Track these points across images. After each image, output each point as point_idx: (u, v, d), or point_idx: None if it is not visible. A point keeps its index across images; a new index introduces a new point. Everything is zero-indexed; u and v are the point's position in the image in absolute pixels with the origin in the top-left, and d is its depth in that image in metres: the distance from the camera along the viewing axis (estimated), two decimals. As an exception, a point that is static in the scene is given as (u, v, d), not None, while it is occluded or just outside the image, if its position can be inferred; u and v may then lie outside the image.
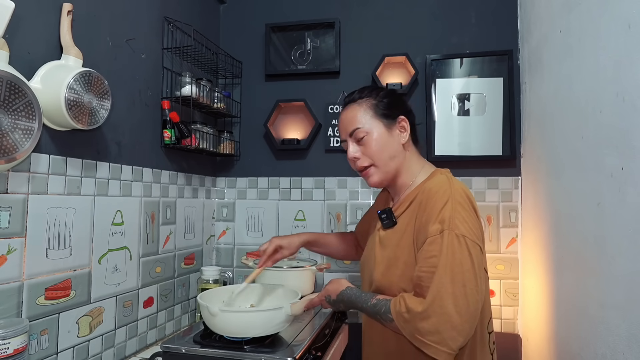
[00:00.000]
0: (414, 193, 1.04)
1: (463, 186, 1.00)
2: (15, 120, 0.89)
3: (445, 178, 1.01)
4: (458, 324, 0.83)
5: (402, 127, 1.09)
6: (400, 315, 0.89)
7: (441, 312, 0.83)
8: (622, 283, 0.87)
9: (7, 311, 0.98)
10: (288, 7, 2.02)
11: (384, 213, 1.07)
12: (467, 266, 0.87)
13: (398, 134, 1.08)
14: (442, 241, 0.88)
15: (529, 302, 1.60)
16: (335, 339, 1.44)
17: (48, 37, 1.09)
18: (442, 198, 0.93)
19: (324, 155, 1.94)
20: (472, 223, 0.92)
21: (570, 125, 1.18)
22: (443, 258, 0.87)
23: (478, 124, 1.76)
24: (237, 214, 2.01)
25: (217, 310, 1.08)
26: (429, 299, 0.85)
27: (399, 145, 1.08)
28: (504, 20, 1.79)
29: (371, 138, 1.07)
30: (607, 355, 0.93)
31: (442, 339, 0.83)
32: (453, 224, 0.89)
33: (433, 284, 0.86)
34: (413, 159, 1.11)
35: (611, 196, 0.92)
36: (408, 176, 1.09)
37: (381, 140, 1.07)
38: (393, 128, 1.08)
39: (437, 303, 0.84)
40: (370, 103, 1.09)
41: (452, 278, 0.85)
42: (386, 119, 1.08)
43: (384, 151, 1.07)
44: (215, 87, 1.83)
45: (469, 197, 0.97)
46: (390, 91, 1.14)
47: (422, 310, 0.84)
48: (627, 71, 0.86)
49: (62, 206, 1.13)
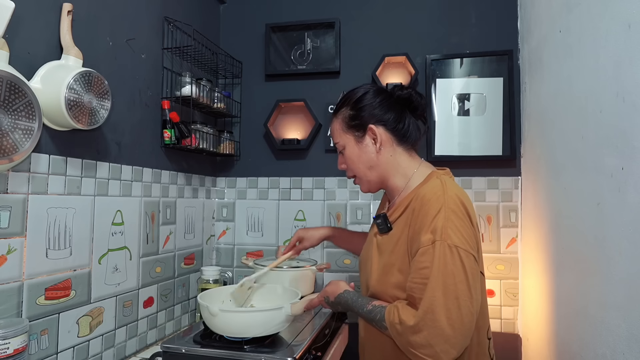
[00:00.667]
0: (408, 198, 1.01)
1: (459, 192, 0.96)
2: (15, 120, 0.89)
3: (439, 183, 0.96)
4: (451, 337, 0.82)
5: (373, 135, 1.05)
6: (393, 326, 0.88)
7: (433, 325, 0.82)
8: (622, 283, 0.87)
9: (7, 311, 0.98)
10: (288, 7, 2.02)
11: (379, 218, 1.04)
12: (460, 277, 0.85)
13: (371, 144, 1.05)
14: (433, 252, 0.86)
15: (529, 302, 1.60)
16: (335, 339, 1.44)
17: (48, 37, 1.09)
18: (434, 206, 0.91)
19: (324, 155, 1.94)
20: (465, 232, 0.89)
21: (570, 125, 1.18)
22: (435, 270, 0.85)
23: (478, 124, 1.76)
24: (237, 214, 2.01)
25: (217, 310, 1.08)
26: (420, 312, 0.84)
27: (374, 154, 1.05)
28: (504, 20, 1.79)
29: (347, 152, 1.09)
30: (607, 356, 0.93)
31: (434, 353, 0.82)
32: (445, 234, 0.87)
33: (425, 296, 0.84)
34: (401, 161, 1.06)
35: (611, 196, 0.92)
36: (399, 179, 1.06)
37: (354, 154, 1.07)
38: (364, 139, 1.06)
39: (428, 316, 0.83)
40: (344, 115, 1.09)
41: (445, 290, 0.83)
42: (357, 131, 1.06)
43: (359, 163, 1.07)
44: (215, 87, 1.83)
45: (464, 204, 0.93)
46: (368, 96, 1.07)
47: (414, 324, 0.84)
48: (627, 71, 0.86)
49: (62, 206, 1.13)
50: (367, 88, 1.10)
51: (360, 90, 1.09)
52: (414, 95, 1.07)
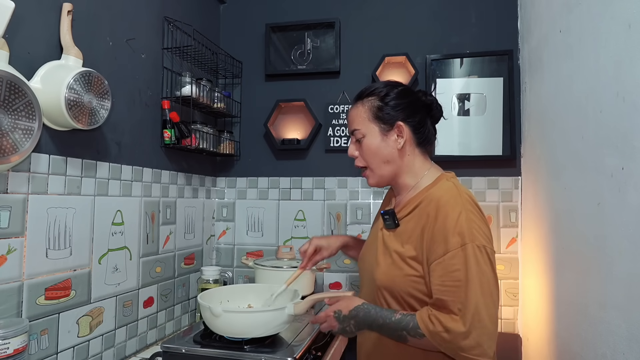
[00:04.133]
0: (418, 197, 1.03)
1: (469, 193, 1.00)
2: (15, 120, 0.89)
3: (452, 186, 0.99)
4: (493, 332, 0.88)
5: (400, 133, 1.05)
6: (437, 334, 0.89)
7: (480, 325, 0.86)
8: (622, 283, 0.87)
9: (7, 311, 0.98)
10: (288, 7, 2.02)
11: (387, 214, 1.06)
12: (490, 274, 0.90)
13: (394, 140, 1.06)
14: (465, 254, 0.90)
15: (529, 302, 1.60)
16: (335, 339, 1.44)
17: (48, 37, 1.09)
18: (454, 209, 0.94)
19: (324, 155, 1.94)
20: (485, 230, 0.94)
21: (571, 125, 1.18)
22: (471, 272, 0.88)
23: (478, 124, 1.76)
24: (237, 214, 2.01)
25: (221, 311, 1.08)
26: (468, 316, 0.86)
27: (395, 150, 1.06)
28: (504, 20, 1.79)
29: (366, 141, 1.06)
30: (607, 355, 0.93)
31: (483, 351, 0.86)
32: (472, 236, 0.91)
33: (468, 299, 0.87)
34: (416, 162, 1.08)
35: (611, 196, 0.92)
36: (410, 178, 1.08)
37: (374, 145, 1.06)
38: (390, 133, 1.06)
39: (476, 318, 0.86)
40: (371, 104, 1.07)
41: (482, 290, 0.88)
42: (383, 123, 1.06)
43: (377, 156, 1.06)
44: (215, 87, 1.83)
45: (477, 204, 0.98)
46: (399, 92, 1.08)
47: (465, 331, 0.86)
48: (627, 71, 0.86)
49: (62, 206, 1.13)
50: (397, 84, 1.11)
51: (392, 85, 1.10)
52: (435, 102, 1.12)
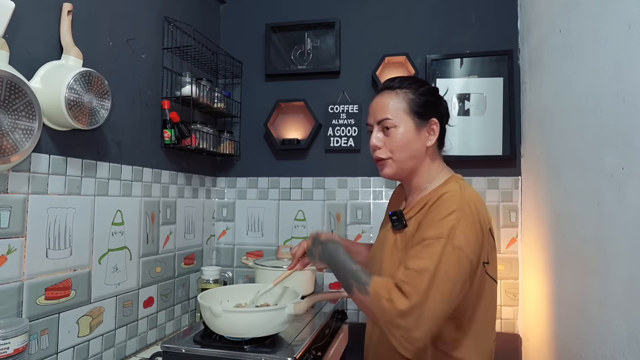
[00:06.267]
0: (426, 198, 1.02)
1: (476, 198, 0.97)
2: (15, 120, 0.89)
3: (458, 187, 0.99)
4: (429, 329, 0.86)
5: (432, 129, 1.05)
6: (379, 298, 0.89)
7: (419, 313, 0.86)
8: (622, 283, 0.87)
9: (7, 311, 0.98)
10: (288, 7, 2.02)
11: (395, 215, 1.06)
12: (453, 276, 0.88)
13: (425, 136, 1.05)
14: (437, 248, 0.89)
15: (529, 302, 1.60)
16: (335, 339, 1.44)
17: (48, 37, 1.09)
18: (449, 207, 0.93)
19: (324, 155, 1.94)
20: (470, 237, 0.91)
21: (571, 125, 1.18)
22: (433, 265, 0.87)
23: (478, 124, 1.76)
24: (237, 214, 2.01)
25: (221, 310, 1.08)
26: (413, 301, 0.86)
27: (423, 146, 1.05)
28: (504, 20, 1.79)
29: (397, 132, 1.04)
30: (607, 356, 0.93)
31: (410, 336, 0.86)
32: (453, 235, 0.89)
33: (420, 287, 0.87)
34: (434, 163, 1.08)
35: (611, 196, 0.92)
36: (424, 179, 1.08)
37: (406, 138, 1.04)
38: (422, 128, 1.05)
39: (418, 307, 0.86)
40: (407, 96, 1.06)
41: (438, 286, 0.87)
42: (419, 118, 1.04)
43: (406, 149, 1.05)
44: (215, 87, 1.83)
45: (478, 210, 0.95)
46: (431, 90, 1.09)
47: (404, 310, 0.86)
48: (627, 71, 0.86)
49: (62, 206, 1.13)
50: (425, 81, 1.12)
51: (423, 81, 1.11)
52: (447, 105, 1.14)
